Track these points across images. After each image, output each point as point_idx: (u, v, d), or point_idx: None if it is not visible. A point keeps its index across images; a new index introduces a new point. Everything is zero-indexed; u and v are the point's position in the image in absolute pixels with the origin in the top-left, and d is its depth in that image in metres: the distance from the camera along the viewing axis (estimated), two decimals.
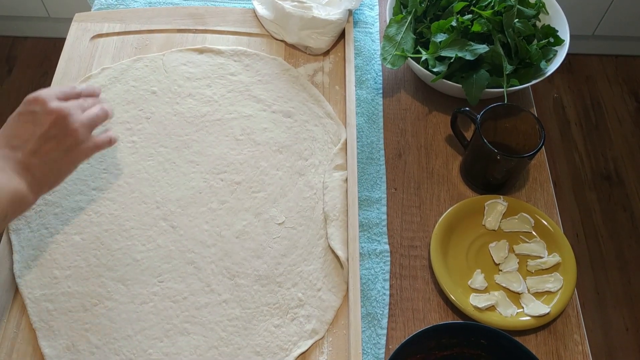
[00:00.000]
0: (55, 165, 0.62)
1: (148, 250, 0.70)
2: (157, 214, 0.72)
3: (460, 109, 0.76)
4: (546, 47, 0.81)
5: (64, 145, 0.62)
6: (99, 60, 0.86)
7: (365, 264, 0.70)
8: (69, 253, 0.69)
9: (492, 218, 0.74)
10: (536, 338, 0.67)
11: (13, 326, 0.65)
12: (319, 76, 0.86)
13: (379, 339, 0.66)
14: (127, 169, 0.76)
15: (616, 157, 1.86)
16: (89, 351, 0.63)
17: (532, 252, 0.72)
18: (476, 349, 0.62)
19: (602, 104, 1.98)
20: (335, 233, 0.70)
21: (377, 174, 0.77)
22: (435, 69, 0.78)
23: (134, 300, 0.66)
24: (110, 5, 0.94)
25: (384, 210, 0.75)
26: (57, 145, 0.62)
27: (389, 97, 0.86)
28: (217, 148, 0.78)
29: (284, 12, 0.85)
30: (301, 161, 0.77)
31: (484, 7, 0.80)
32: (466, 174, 0.78)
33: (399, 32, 0.81)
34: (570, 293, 0.68)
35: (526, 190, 0.78)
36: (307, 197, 0.74)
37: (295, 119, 0.81)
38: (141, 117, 0.80)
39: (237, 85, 0.83)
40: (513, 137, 0.76)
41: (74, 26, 0.90)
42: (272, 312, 0.66)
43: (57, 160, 0.62)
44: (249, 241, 0.71)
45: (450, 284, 0.68)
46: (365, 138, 0.81)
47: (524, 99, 0.87)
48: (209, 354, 0.64)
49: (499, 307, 0.67)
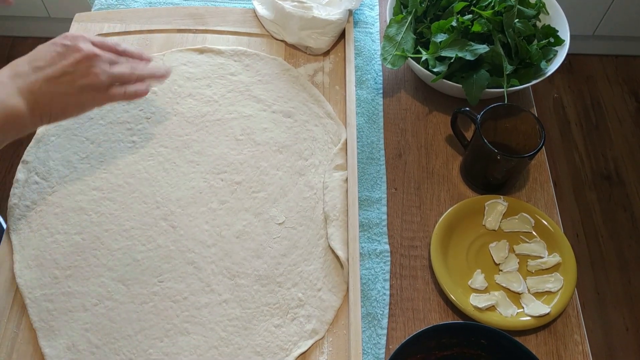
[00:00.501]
0: (63, 99, 0.63)
1: (148, 250, 0.70)
2: (157, 214, 0.72)
3: (461, 109, 0.76)
4: (546, 47, 0.81)
5: (79, 83, 0.63)
6: None
7: (366, 264, 0.70)
8: (69, 253, 0.69)
9: (493, 218, 0.74)
10: (536, 338, 0.67)
11: (13, 326, 0.65)
12: (319, 76, 0.86)
13: (379, 339, 0.66)
14: (127, 168, 0.76)
15: (616, 157, 1.87)
16: (89, 351, 0.63)
17: (533, 252, 0.72)
18: (476, 349, 0.62)
19: (602, 104, 1.98)
20: (335, 233, 0.70)
21: (377, 174, 0.77)
22: (436, 69, 0.78)
23: (134, 300, 0.66)
24: (110, 6, 0.94)
25: (384, 210, 0.75)
26: (72, 80, 0.63)
27: (389, 97, 0.86)
28: (217, 148, 0.78)
29: (284, 12, 0.85)
30: (301, 161, 0.77)
31: (484, 7, 0.80)
32: (466, 174, 0.78)
33: (399, 32, 0.81)
34: (570, 293, 0.68)
35: (526, 190, 0.78)
36: (307, 197, 0.74)
37: (295, 119, 0.81)
38: (141, 117, 0.80)
39: (237, 85, 0.83)
40: (513, 137, 0.76)
41: (74, 26, 0.90)
42: (272, 312, 0.66)
43: (67, 94, 0.63)
44: (249, 241, 0.71)
45: (450, 284, 0.68)
46: (366, 138, 0.81)
47: (524, 99, 0.87)
48: (209, 354, 0.64)
49: (499, 307, 0.67)
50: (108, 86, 0.65)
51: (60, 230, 0.71)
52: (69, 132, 0.78)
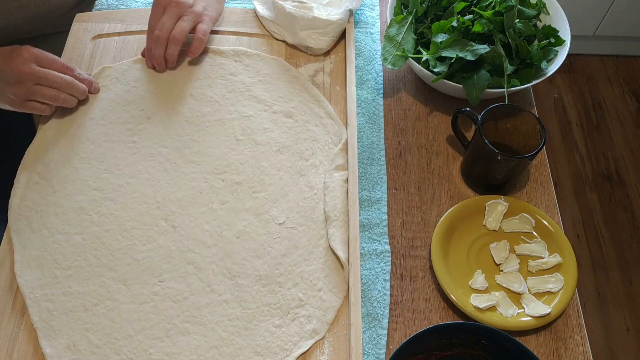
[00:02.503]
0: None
1: (149, 250, 0.70)
2: (158, 214, 0.72)
3: (461, 110, 0.76)
4: (547, 47, 0.81)
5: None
6: (100, 60, 0.86)
7: (366, 264, 0.70)
8: (69, 253, 0.69)
9: (493, 218, 0.74)
10: (537, 338, 0.67)
11: (14, 326, 0.65)
12: (319, 76, 0.86)
13: (380, 339, 0.66)
14: (128, 169, 0.76)
15: (617, 157, 1.86)
16: (89, 351, 0.63)
17: (533, 252, 0.72)
18: (477, 350, 0.62)
19: (603, 104, 1.98)
20: (335, 233, 0.70)
21: (377, 174, 0.77)
22: (436, 69, 0.78)
23: (135, 300, 0.66)
24: (111, 6, 0.94)
25: (384, 211, 0.75)
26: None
27: (390, 98, 0.86)
28: (217, 148, 0.78)
29: (285, 12, 0.85)
30: (302, 161, 0.77)
31: (485, 7, 0.80)
32: (467, 175, 0.78)
33: (399, 32, 0.81)
34: (571, 293, 0.68)
35: (527, 190, 0.78)
36: (308, 197, 0.74)
37: (296, 119, 0.81)
38: (142, 117, 0.80)
39: (238, 85, 0.83)
40: (514, 138, 0.76)
41: (74, 26, 0.90)
42: (273, 312, 0.66)
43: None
44: (249, 241, 0.71)
45: (451, 284, 0.68)
46: (366, 138, 0.81)
47: (524, 100, 0.87)
48: (209, 354, 0.64)
49: (500, 307, 0.67)
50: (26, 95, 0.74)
51: (60, 230, 0.71)
52: (70, 132, 0.78)
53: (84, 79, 0.79)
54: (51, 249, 0.69)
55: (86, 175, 0.75)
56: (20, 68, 0.72)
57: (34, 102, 0.75)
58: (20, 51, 0.73)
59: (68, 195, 0.73)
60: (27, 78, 0.73)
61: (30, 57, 0.73)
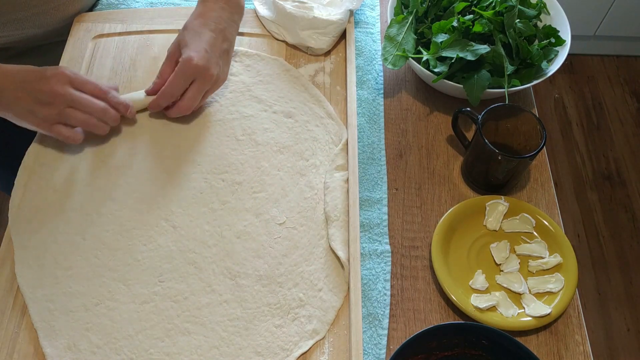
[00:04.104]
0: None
1: (149, 250, 0.70)
2: (158, 214, 0.72)
3: (462, 110, 0.76)
4: (547, 47, 0.81)
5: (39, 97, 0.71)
6: (100, 60, 0.86)
7: (366, 264, 0.70)
8: (70, 253, 0.69)
9: (493, 218, 0.74)
10: (537, 338, 0.67)
11: (14, 326, 0.65)
12: (320, 76, 0.86)
13: (380, 339, 0.66)
14: (128, 169, 0.76)
15: (617, 157, 1.86)
16: (90, 351, 0.63)
17: (533, 252, 0.72)
18: (477, 350, 0.62)
19: (603, 104, 1.98)
20: (336, 233, 0.70)
21: (378, 174, 0.77)
22: (436, 69, 0.78)
23: (135, 300, 0.66)
24: (111, 6, 0.94)
25: (385, 211, 0.75)
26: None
27: (390, 98, 0.86)
28: (218, 148, 0.78)
29: (285, 12, 0.85)
30: (302, 161, 0.77)
31: (485, 7, 0.80)
32: (467, 175, 0.78)
33: (400, 32, 0.81)
34: (571, 293, 0.68)
35: (527, 190, 0.78)
36: (308, 197, 0.74)
37: (296, 120, 0.81)
38: (142, 117, 0.80)
39: (238, 85, 0.83)
40: (514, 138, 0.76)
41: (75, 26, 0.90)
42: (273, 313, 0.66)
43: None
44: (249, 241, 0.71)
45: (451, 284, 0.68)
46: (366, 138, 0.81)
47: (525, 100, 0.87)
48: (210, 354, 0.64)
49: (500, 307, 0.67)
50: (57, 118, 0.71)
51: (61, 231, 0.71)
52: None
53: (118, 102, 0.75)
54: (51, 249, 0.69)
55: (86, 175, 0.75)
56: (54, 88, 0.69)
57: (63, 126, 0.72)
58: (56, 71, 0.71)
59: (68, 196, 0.73)
60: (61, 100, 0.70)
61: (65, 78, 0.71)
